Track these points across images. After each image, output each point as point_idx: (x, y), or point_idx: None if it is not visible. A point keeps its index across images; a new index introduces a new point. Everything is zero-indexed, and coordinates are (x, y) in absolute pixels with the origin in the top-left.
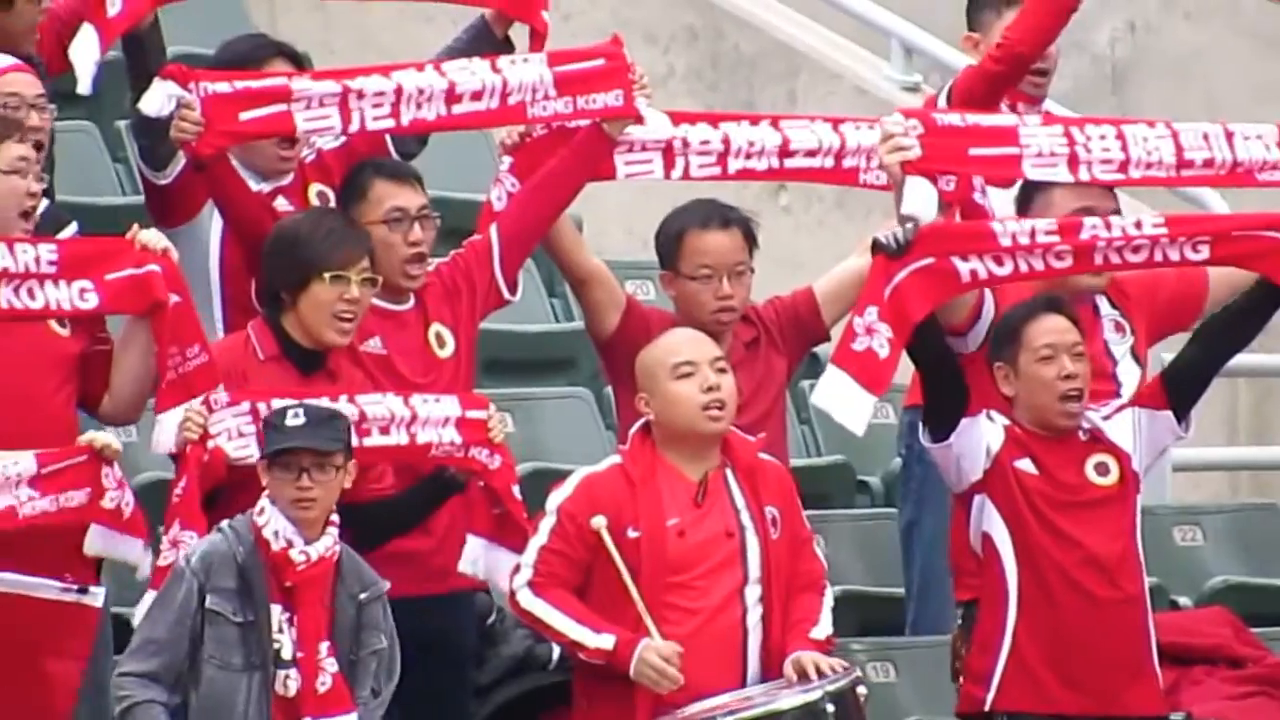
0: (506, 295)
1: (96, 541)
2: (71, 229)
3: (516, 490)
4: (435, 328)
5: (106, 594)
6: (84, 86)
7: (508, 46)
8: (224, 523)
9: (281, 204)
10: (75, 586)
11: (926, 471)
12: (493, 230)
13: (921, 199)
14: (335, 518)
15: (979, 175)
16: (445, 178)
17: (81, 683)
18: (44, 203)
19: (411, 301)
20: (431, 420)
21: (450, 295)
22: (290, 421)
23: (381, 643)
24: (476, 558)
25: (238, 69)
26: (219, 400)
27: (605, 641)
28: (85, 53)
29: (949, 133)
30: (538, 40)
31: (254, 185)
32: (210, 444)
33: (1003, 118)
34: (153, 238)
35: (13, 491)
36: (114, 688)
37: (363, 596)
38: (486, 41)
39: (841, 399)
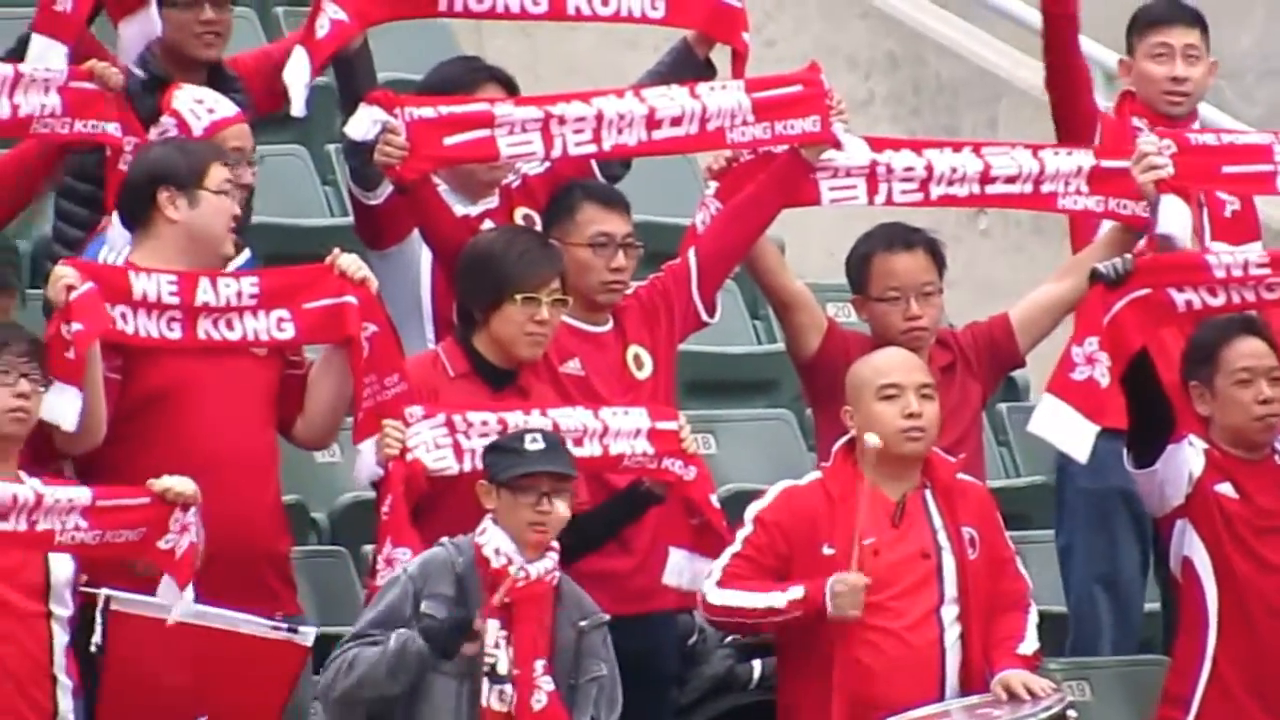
0: (705, 317)
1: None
2: (245, 256)
3: (714, 499)
4: (634, 349)
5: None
6: (297, 109)
7: (709, 69)
8: (445, 539)
9: (488, 227)
10: (285, 625)
11: (1078, 496)
12: (691, 253)
13: (1176, 218)
14: (555, 543)
15: (1232, 193)
16: (650, 202)
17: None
18: (246, 253)
19: (610, 323)
20: (623, 432)
21: (649, 317)
22: (530, 446)
23: (602, 670)
24: (681, 569)
25: (449, 93)
26: (414, 414)
27: (795, 592)
28: (297, 75)
29: (1202, 151)
30: (739, 61)
31: (461, 209)
32: (409, 457)
33: (1257, 135)
34: (351, 264)
35: (60, 517)
36: (331, 660)
37: (583, 624)
38: (689, 63)
39: (1063, 428)
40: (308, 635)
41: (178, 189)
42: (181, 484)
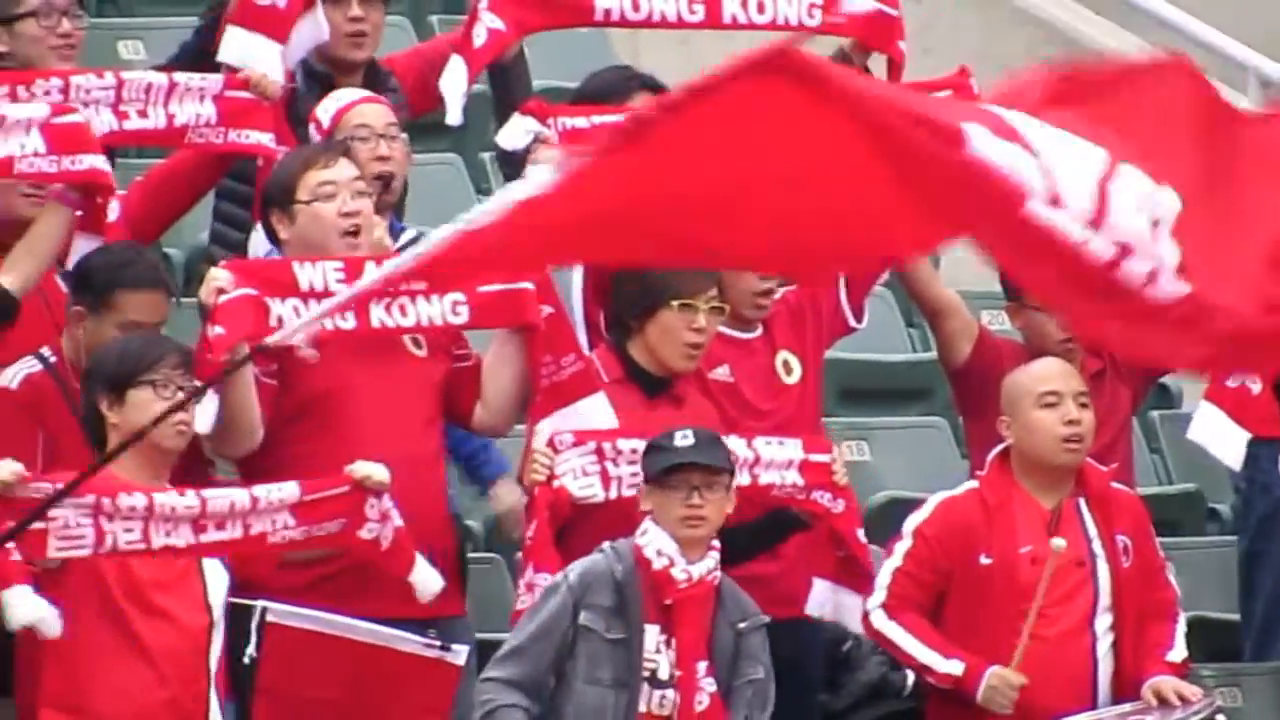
0: (852, 323)
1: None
2: (410, 234)
3: (861, 534)
4: (782, 355)
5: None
6: (454, 117)
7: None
8: (605, 544)
9: None
10: (439, 644)
11: (1270, 502)
12: None
13: None
14: (716, 542)
15: None
16: None
17: None
18: (411, 231)
19: (759, 329)
20: (775, 463)
21: (797, 322)
22: (679, 441)
23: (759, 673)
24: (824, 600)
25: (603, 102)
26: (564, 441)
27: (954, 667)
28: (454, 84)
29: None
30: (895, 70)
31: None
32: (555, 484)
33: None
34: None
35: (272, 517)
36: (477, 694)
37: (742, 626)
38: None
39: (1216, 434)
40: (460, 654)
41: (279, 209)
42: (378, 470)
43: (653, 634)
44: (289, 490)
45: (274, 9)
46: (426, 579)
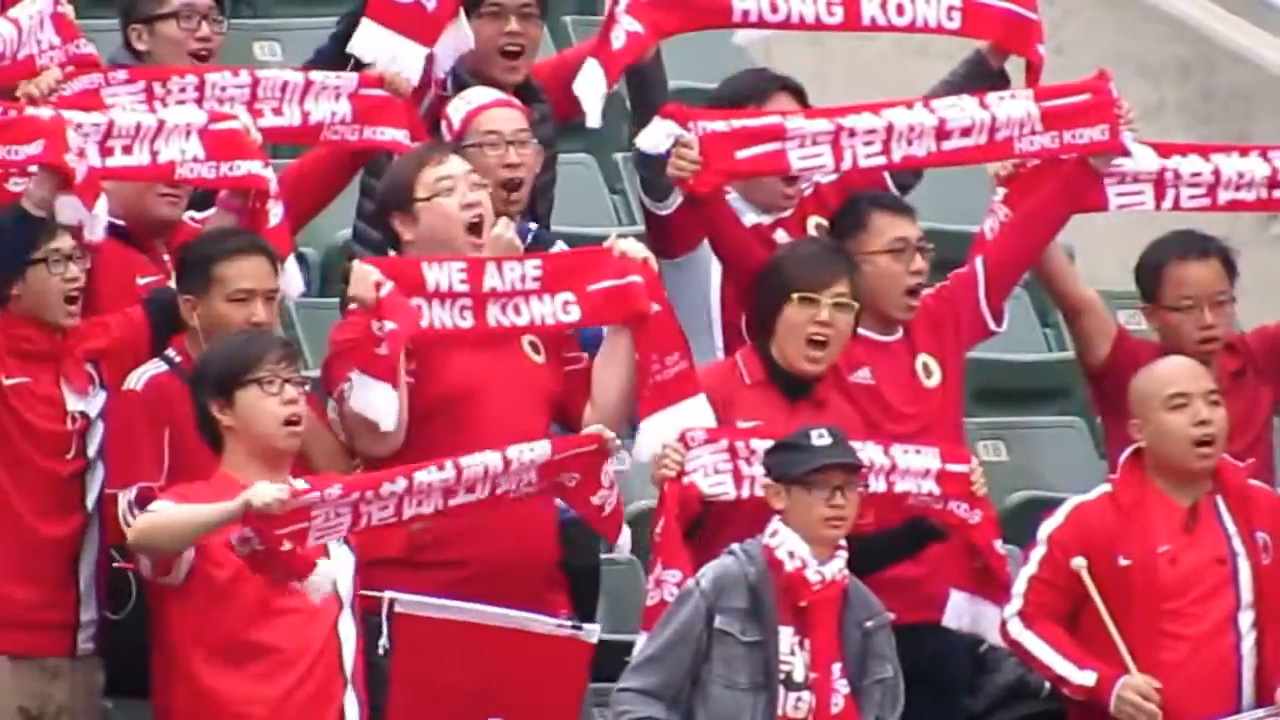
0: (992, 327)
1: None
2: (531, 229)
3: (999, 545)
4: (922, 358)
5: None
6: (593, 120)
7: (1003, 80)
8: (735, 545)
9: (781, 236)
10: (570, 623)
11: None
12: (978, 262)
13: None
14: (844, 542)
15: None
16: (937, 209)
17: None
18: (533, 226)
19: (900, 332)
20: (912, 471)
21: (936, 326)
22: (817, 441)
23: (887, 672)
24: (962, 611)
25: (741, 103)
26: (695, 437)
27: (1087, 678)
28: (592, 87)
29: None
30: (1033, 73)
31: (754, 218)
32: (686, 480)
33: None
34: (633, 247)
35: (520, 476)
36: (614, 703)
37: (869, 624)
38: (983, 74)
39: None
40: (592, 633)
41: (400, 211)
42: (613, 435)
43: (787, 636)
44: (541, 449)
45: (418, 9)
46: (625, 543)
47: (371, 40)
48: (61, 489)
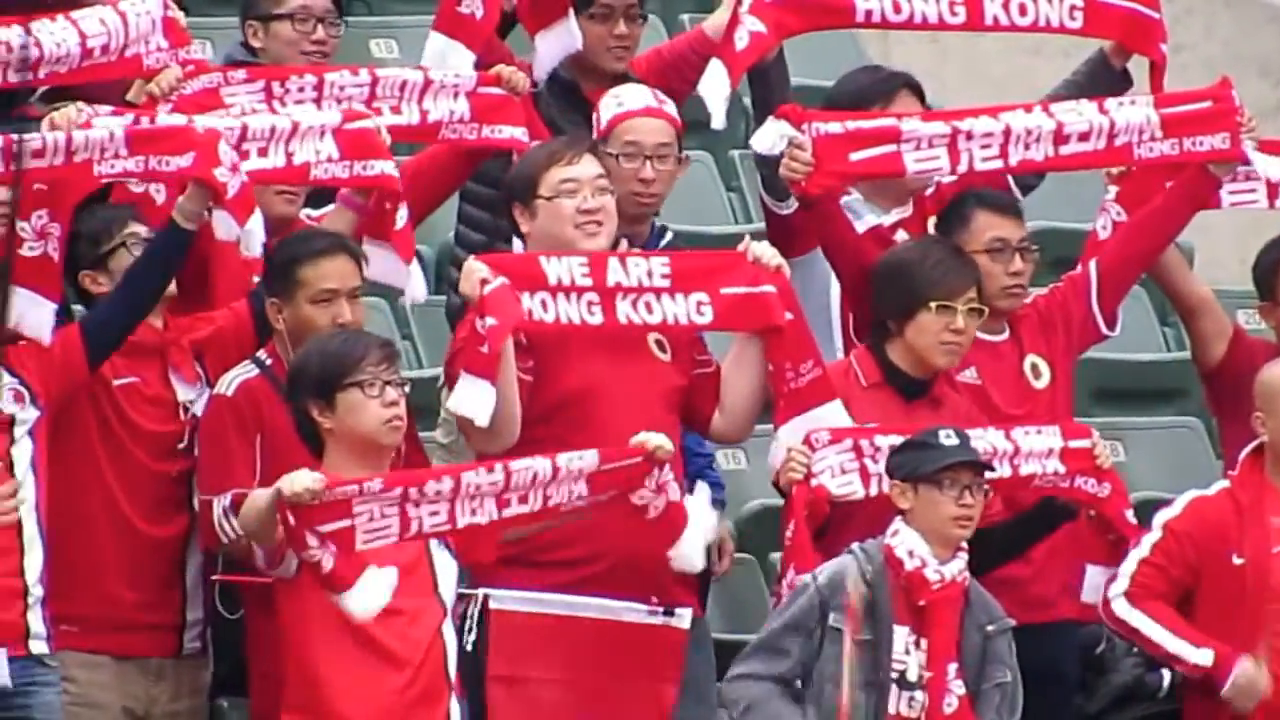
0: (1104, 330)
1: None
2: (668, 236)
3: (1130, 515)
4: (1031, 359)
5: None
6: (717, 121)
7: (1125, 80)
8: (855, 545)
9: (902, 236)
10: (662, 609)
11: None
12: (1092, 265)
13: None
14: (965, 544)
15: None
16: (1052, 208)
17: (676, 701)
18: (670, 228)
19: (1007, 332)
20: (1035, 452)
21: (1046, 327)
22: (945, 440)
23: (1006, 676)
24: (1098, 586)
25: (863, 103)
26: (820, 439)
27: (1204, 657)
28: (716, 87)
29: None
30: (1157, 73)
31: (874, 217)
32: (813, 482)
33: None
34: (765, 252)
35: (570, 486)
36: (728, 692)
37: (990, 628)
38: (1105, 74)
39: None
40: (684, 617)
41: (521, 202)
42: (667, 442)
43: (901, 635)
44: (589, 458)
45: (471, 18)
46: (693, 550)
47: (434, 49)
48: (168, 490)
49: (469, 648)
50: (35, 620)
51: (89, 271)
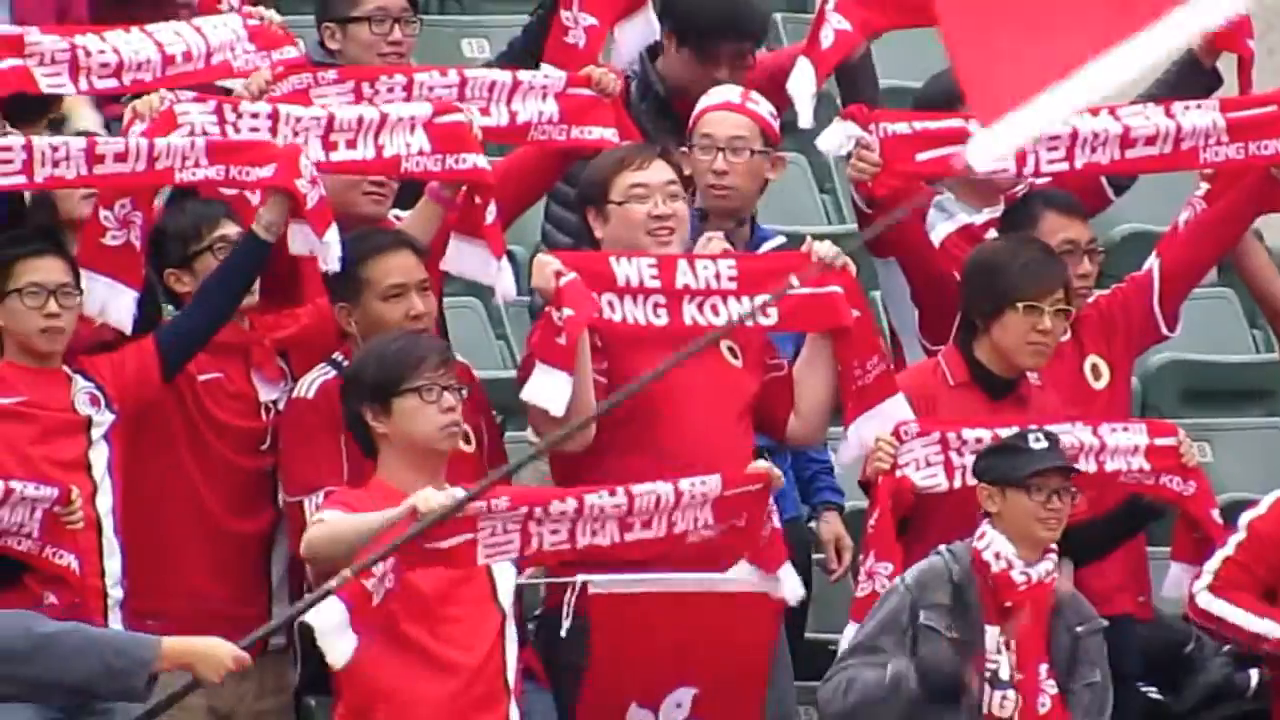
0: (1164, 331)
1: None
2: (777, 240)
3: (1216, 514)
4: (1091, 359)
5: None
6: (805, 120)
7: (1215, 78)
8: (942, 547)
9: (992, 236)
10: (772, 578)
11: None
12: (1155, 266)
13: None
14: (1054, 545)
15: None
16: (1140, 209)
17: (771, 666)
18: (779, 239)
19: (1068, 333)
20: (1120, 449)
21: (1107, 327)
22: (1034, 444)
23: (1096, 677)
24: (1182, 582)
25: (947, 103)
26: (908, 430)
27: None
28: (804, 86)
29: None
30: (1245, 68)
31: (965, 216)
32: (898, 473)
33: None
34: (828, 251)
35: (694, 513)
36: (827, 689)
37: (1080, 629)
38: (1196, 73)
39: None
40: (783, 583)
41: (594, 207)
42: (777, 469)
43: (993, 635)
44: (712, 483)
45: (575, 48)
46: (791, 580)
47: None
48: (253, 485)
49: (563, 633)
50: (115, 622)
51: (174, 270)
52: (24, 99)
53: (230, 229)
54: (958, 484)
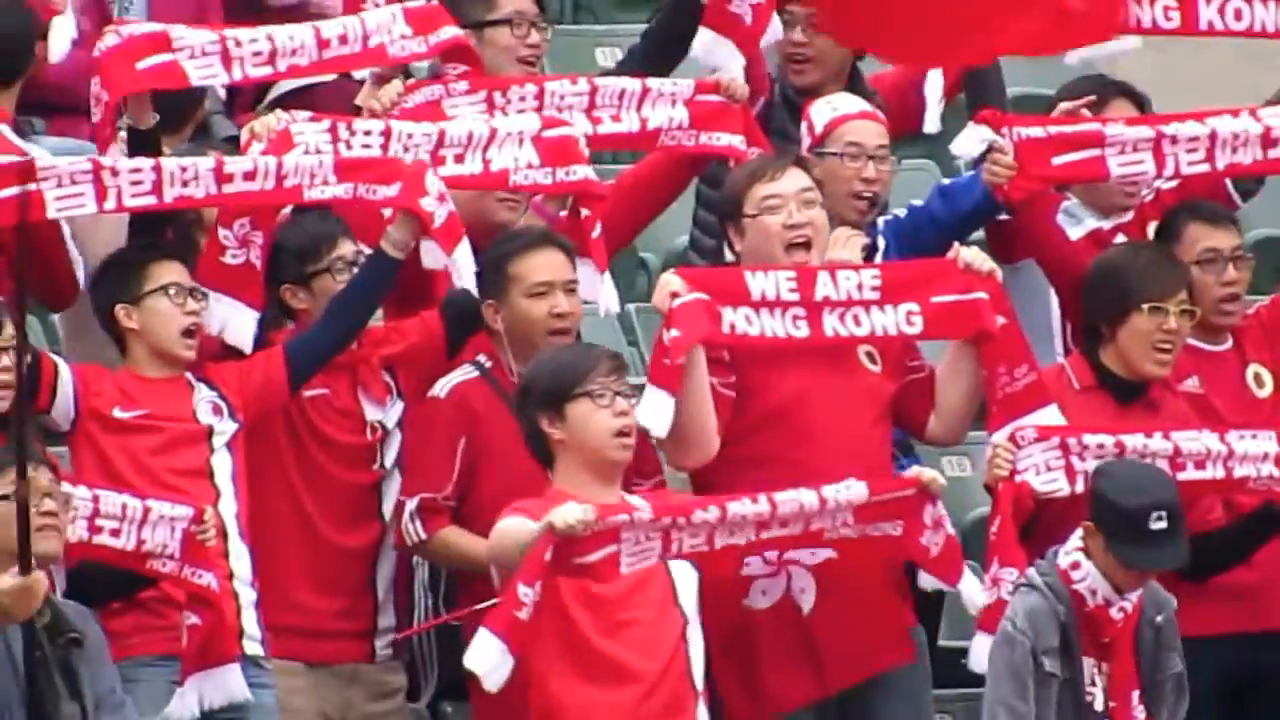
0: None
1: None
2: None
3: None
4: (1253, 368)
5: None
6: (932, 125)
7: None
8: (1038, 579)
9: (1120, 241)
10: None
11: None
12: None
13: None
14: None
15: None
16: (1270, 215)
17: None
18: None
19: (1229, 342)
20: (1249, 456)
21: (1269, 335)
22: (1154, 525)
23: (1178, 665)
24: None
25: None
26: (1026, 436)
27: None
28: (933, 92)
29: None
30: None
31: (1095, 222)
32: (1018, 479)
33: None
34: (976, 257)
35: (834, 515)
36: None
37: (1159, 620)
38: None
39: None
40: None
41: (731, 222)
42: (932, 472)
43: (1088, 666)
44: (857, 490)
45: (740, 20)
46: (972, 590)
47: (702, 44)
48: (359, 499)
49: None
50: (250, 622)
51: (290, 285)
52: (167, 108)
53: (348, 249)
54: (1079, 488)
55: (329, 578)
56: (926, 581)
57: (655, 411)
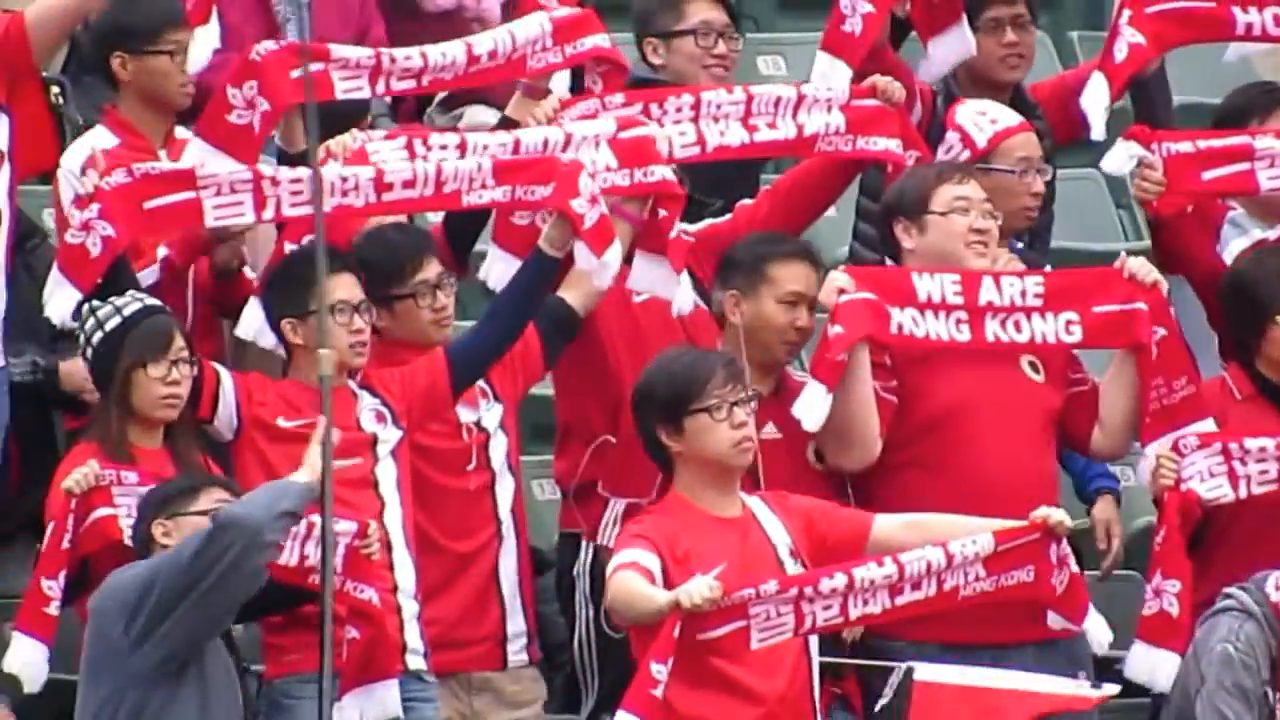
0: None
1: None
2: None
3: None
4: None
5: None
6: (1097, 133)
7: None
8: (1255, 609)
9: None
10: (1089, 683)
11: None
12: None
13: None
14: None
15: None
16: None
17: None
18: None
19: None
20: None
21: None
22: None
23: None
24: None
25: (1241, 118)
26: (1189, 444)
27: None
28: (1096, 100)
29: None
30: None
31: (1261, 232)
32: (1183, 487)
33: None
34: (1141, 268)
35: (964, 570)
36: None
37: None
38: None
39: None
40: (1110, 689)
41: (908, 218)
42: (1059, 513)
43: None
44: (984, 542)
45: (852, 36)
46: (1098, 629)
47: (820, 66)
48: (468, 504)
49: (877, 708)
50: (412, 636)
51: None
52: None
53: (432, 271)
54: (1243, 493)
55: (449, 586)
56: (1054, 621)
57: (811, 405)
